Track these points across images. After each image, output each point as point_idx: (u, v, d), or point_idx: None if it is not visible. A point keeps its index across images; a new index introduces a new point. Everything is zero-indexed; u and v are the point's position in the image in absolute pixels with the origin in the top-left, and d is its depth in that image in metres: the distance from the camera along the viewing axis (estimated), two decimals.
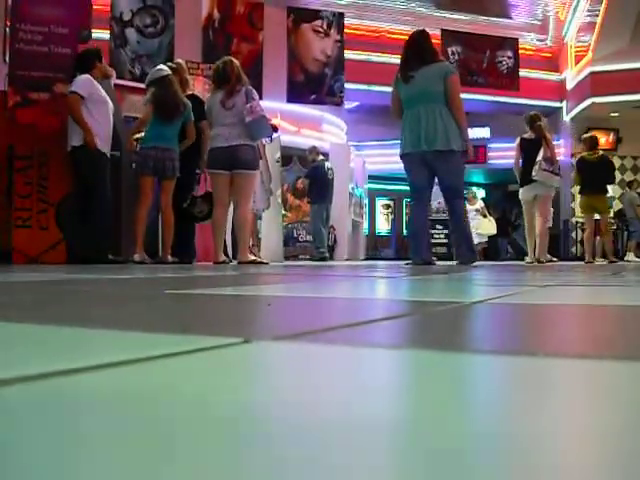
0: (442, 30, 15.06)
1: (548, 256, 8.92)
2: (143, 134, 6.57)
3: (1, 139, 6.86)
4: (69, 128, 6.31)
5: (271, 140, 8.06)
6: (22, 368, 0.63)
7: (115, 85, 6.79)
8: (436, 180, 6.12)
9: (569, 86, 16.74)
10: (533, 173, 8.42)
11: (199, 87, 8.35)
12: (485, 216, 15.88)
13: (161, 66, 6.83)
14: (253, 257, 6.96)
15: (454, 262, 6.12)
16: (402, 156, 6.05)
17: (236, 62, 6.67)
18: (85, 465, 0.36)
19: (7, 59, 7.06)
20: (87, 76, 6.33)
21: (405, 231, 22.76)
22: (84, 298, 1.90)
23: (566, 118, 16.87)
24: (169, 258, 6.45)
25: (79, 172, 6.28)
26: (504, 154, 15.68)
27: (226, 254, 7.22)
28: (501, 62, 15.68)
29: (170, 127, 6.48)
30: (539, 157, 8.41)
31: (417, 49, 5.90)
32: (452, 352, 0.80)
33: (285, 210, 12.88)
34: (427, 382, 0.66)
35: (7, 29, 7.28)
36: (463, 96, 6.06)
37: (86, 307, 1.56)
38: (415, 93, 5.79)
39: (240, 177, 6.45)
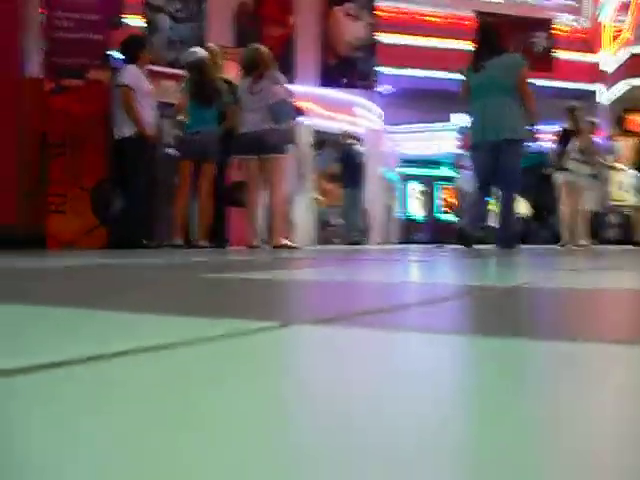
0: (475, 12, 14.88)
1: (582, 241, 8.91)
2: (184, 119, 6.58)
3: (36, 126, 6.92)
4: (117, 117, 6.35)
5: (295, 121, 8.02)
6: (64, 353, 0.64)
7: (148, 71, 6.81)
8: None
9: (605, 67, 16.46)
10: (565, 162, 8.52)
11: (232, 71, 8.33)
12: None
13: (197, 48, 6.81)
14: (286, 241, 6.95)
15: (493, 246, 6.10)
16: (473, 146, 6.21)
17: (263, 48, 6.65)
18: (141, 440, 0.36)
19: (42, 47, 7.12)
20: (134, 67, 6.37)
21: (439, 215, 22.72)
22: (119, 282, 1.91)
23: (602, 100, 16.61)
24: (203, 242, 6.47)
25: (125, 160, 6.32)
26: (538, 136, 15.47)
27: (259, 237, 7.21)
28: (535, 43, 15.46)
29: (209, 111, 6.50)
30: (570, 146, 8.48)
31: (488, 40, 6.08)
32: (488, 336, 0.79)
33: (318, 194, 12.85)
34: (462, 367, 0.65)
35: (41, 17, 7.33)
36: None
37: (120, 291, 1.57)
38: (485, 83, 5.91)
39: (269, 161, 6.46)
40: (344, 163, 12.39)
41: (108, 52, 6.88)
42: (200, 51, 6.66)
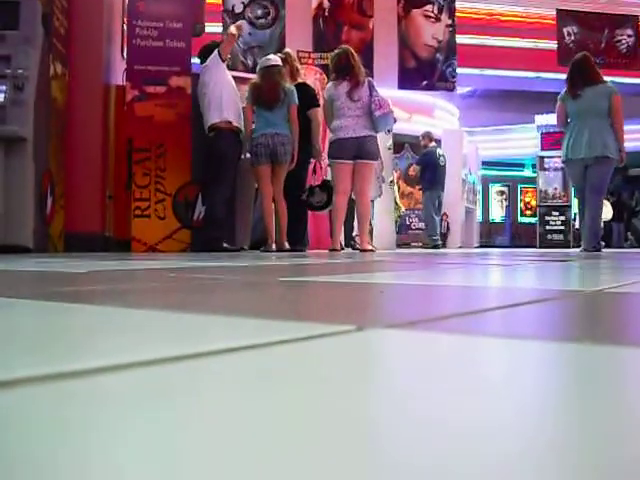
0: (557, 10, 14.59)
1: None
2: (254, 126, 6.64)
3: (121, 133, 7.11)
4: (204, 109, 6.50)
5: (390, 132, 8.19)
6: (138, 354, 0.64)
7: None
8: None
9: None
10: None
11: (310, 76, 8.38)
12: None
13: (271, 56, 6.87)
14: (371, 245, 6.97)
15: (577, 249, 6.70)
16: (565, 161, 7.07)
17: (354, 52, 6.71)
18: (204, 447, 0.36)
19: (125, 55, 7.30)
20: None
21: (521, 217, 22.42)
22: (200, 285, 1.94)
23: None
24: (286, 245, 6.50)
25: (211, 155, 6.44)
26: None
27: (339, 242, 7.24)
28: (620, 41, 15.05)
29: (274, 114, 6.53)
30: None
31: (583, 71, 6.88)
32: (571, 342, 0.76)
33: (397, 197, 12.80)
34: (544, 374, 0.63)
35: (124, 26, 7.52)
36: None
37: (202, 294, 1.58)
38: (583, 108, 6.77)
39: (364, 167, 6.55)
40: (423, 166, 12.30)
41: (190, 59, 7.01)
42: (273, 58, 6.71)
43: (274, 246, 6.43)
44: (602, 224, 11.58)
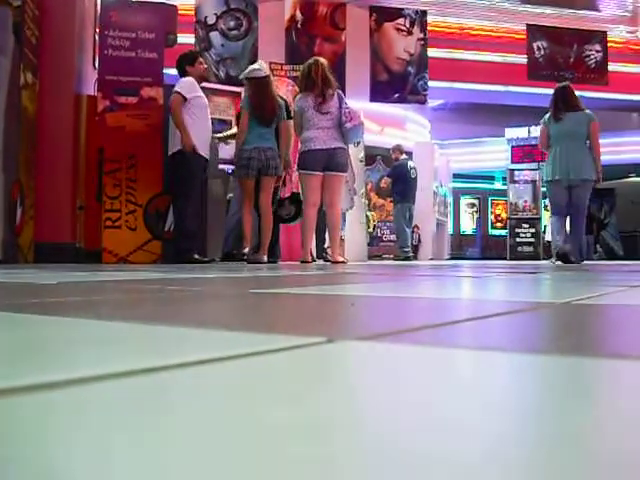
0: (527, 25, 14.76)
1: None
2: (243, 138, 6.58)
3: (92, 143, 7.06)
4: (172, 132, 6.42)
5: (358, 144, 8.23)
6: (108, 366, 0.64)
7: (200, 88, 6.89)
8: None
9: None
10: None
11: (283, 88, 8.39)
12: None
13: (259, 65, 6.80)
14: (342, 257, 6.96)
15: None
16: (548, 181, 7.53)
17: (323, 62, 6.66)
18: (143, 465, 0.36)
19: (96, 65, 7.27)
20: (190, 79, 6.47)
21: (491, 229, 22.57)
22: (171, 297, 1.93)
23: None
24: (264, 258, 6.46)
25: (179, 175, 6.37)
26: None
27: (310, 253, 7.24)
28: (589, 56, 15.25)
29: (268, 128, 6.53)
30: None
31: (566, 98, 7.40)
32: (540, 354, 0.78)
33: (369, 210, 12.84)
34: (514, 385, 0.64)
35: (96, 36, 7.49)
36: (550, 91, 7.72)
37: (172, 306, 1.58)
38: (564, 132, 7.25)
39: (334, 178, 6.53)
40: (395, 178, 12.35)
41: (162, 70, 6.99)
42: (263, 68, 6.65)
43: (247, 249, 6.40)
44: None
